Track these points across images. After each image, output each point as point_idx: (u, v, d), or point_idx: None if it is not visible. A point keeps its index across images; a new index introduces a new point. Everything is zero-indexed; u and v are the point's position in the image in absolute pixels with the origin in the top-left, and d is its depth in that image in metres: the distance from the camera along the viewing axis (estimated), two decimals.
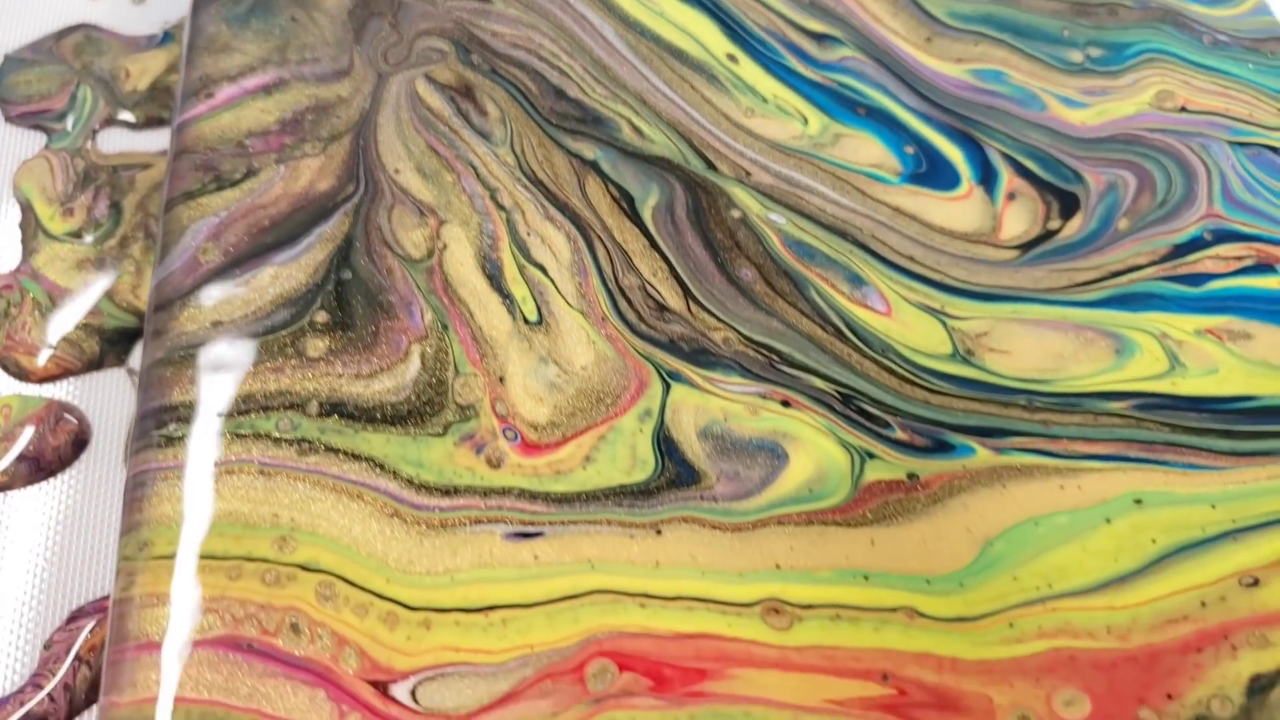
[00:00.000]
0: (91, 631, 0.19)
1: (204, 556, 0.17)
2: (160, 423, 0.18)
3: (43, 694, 0.18)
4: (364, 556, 0.17)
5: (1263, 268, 0.20)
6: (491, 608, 0.17)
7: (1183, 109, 0.22)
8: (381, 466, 0.17)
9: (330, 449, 0.17)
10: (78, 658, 0.19)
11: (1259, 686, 0.17)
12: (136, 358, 0.21)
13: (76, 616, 0.19)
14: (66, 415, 0.21)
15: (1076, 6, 0.23)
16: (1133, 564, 0.17)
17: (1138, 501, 0.18)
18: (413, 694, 0.16)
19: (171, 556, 0.17)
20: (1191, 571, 0.17)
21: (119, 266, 0.22)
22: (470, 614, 0.16)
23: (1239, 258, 0.20)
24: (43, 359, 0.21)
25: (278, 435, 0.18)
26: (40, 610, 0.19)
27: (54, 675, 0.19)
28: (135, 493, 0.17)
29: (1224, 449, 0.18)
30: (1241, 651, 0.17)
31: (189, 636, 0.16)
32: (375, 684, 0.16)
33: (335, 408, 0.18)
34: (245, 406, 0.18)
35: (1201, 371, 0.19)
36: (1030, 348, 0.19)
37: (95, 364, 0.21)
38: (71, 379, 0.21)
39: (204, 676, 0.16)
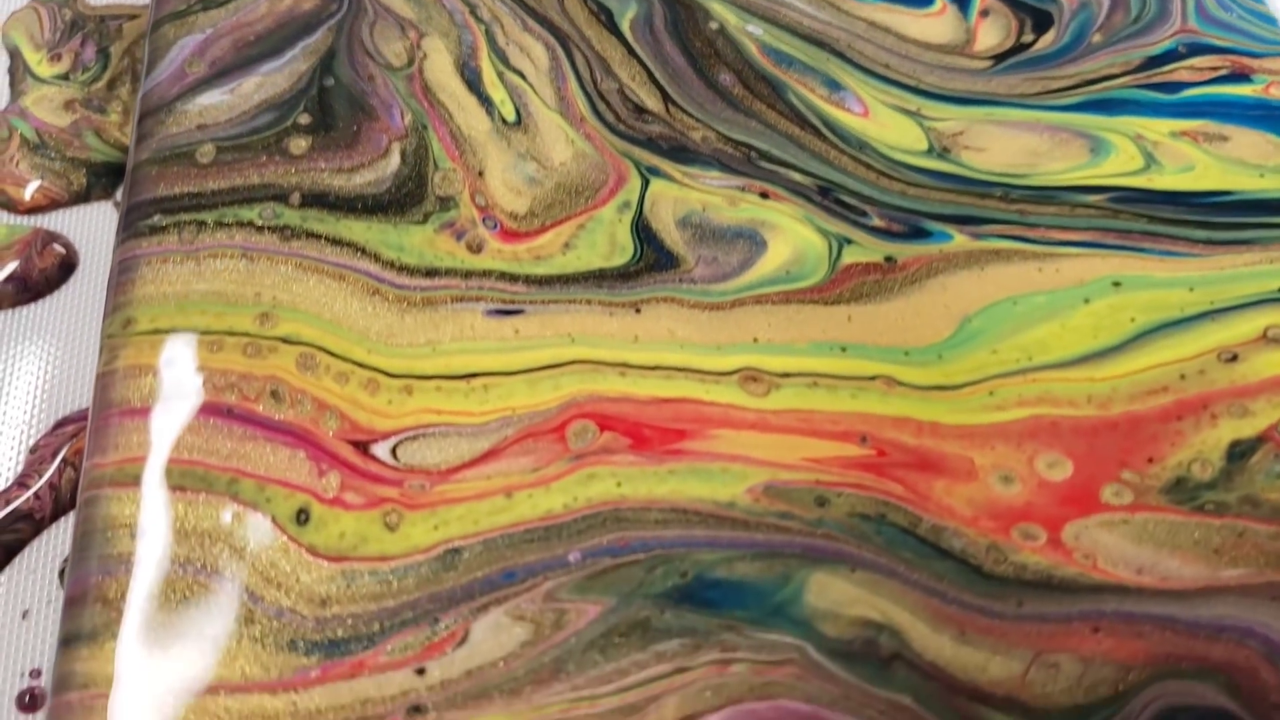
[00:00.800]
0: (76, 436, 0.19)
1: (186, 330, 0.17)
2: (145, 215, 0.18)
3: (29, 493, 0.18)
4: (345, 330, 0.17)
5: (1237, 77, 0.20)
6: (473, 375, 0.17)
7: None
8: (362, 250, 0.18)
9: (312, 235, 0.18)
10: (64, 460, 0.19)
11: (1239, 452, 0.17)
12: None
13: (63, 424, 0.19)
14: (54, 242, 0.21)
15: None
16: (1112, 340, 0.18)
17: (1116, 284, 0.18)
18: (393, 452, 0.16)
19: (154, 331, 0.17)
20: (1170, 347, 0.18)
21: (107, 106, 0.22)
22: (451, 380, 0.17)
23: (1214, 68, 0.20)
24: (30, 191, 0.21)
25: (260, 223, 0.18)
26: (26, 423, 0.19)
27: (40, 476, 0.19)
28: (120, 278, 0.17)
29: (1201, 238, 0.19)
30: (1221, 420, 0.17)
31: (169, 403, 0.16)
32: (355, 444, 0.16)
33: (317, 199, 0.18)
34: (229, 198, 0.18)
35: (1177, 169, 0.19)
36: (1005, 146, 0.19)
37: (82, 197, 0.21)
38: (60, 210, 0.21)
39: (185, 440, 0.16)
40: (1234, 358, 0.18)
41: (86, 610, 0.15)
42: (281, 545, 0.15)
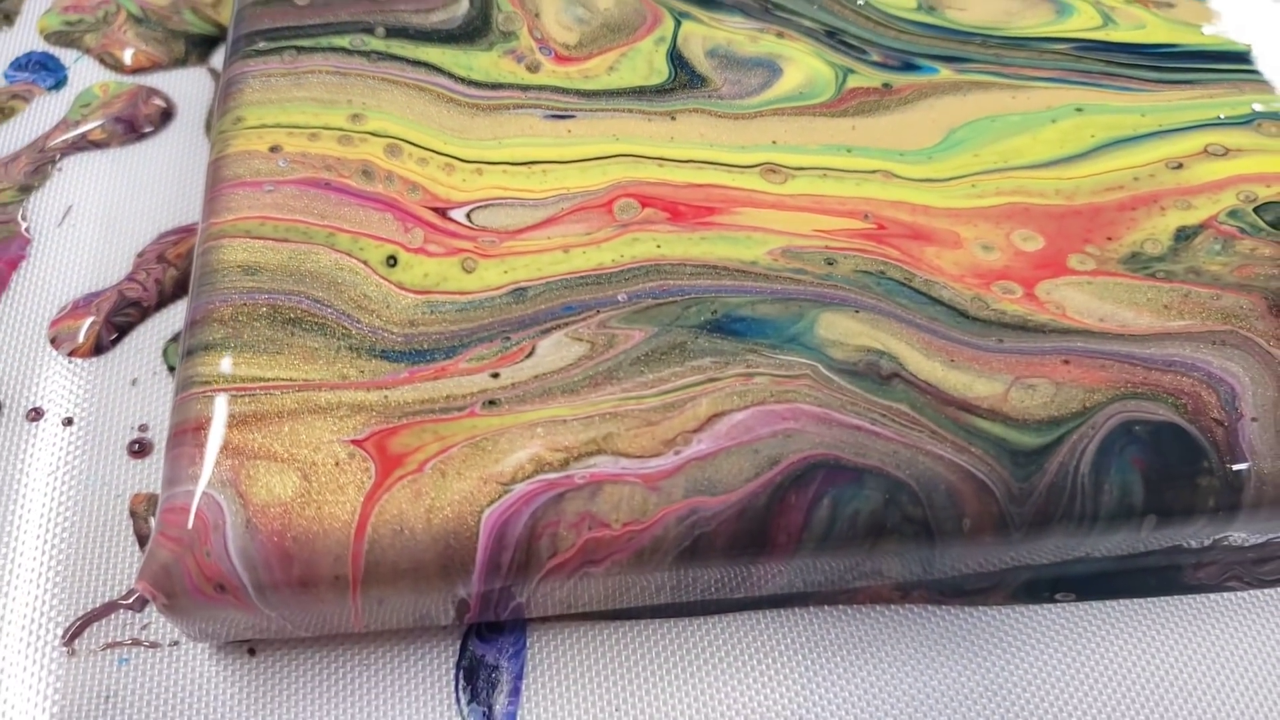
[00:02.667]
0: (176, 244, 0.22)
1: (287, 125, 0.20)
2: (251, 42, 0.21)
3: (137, 284, 0.21)
4: (425, 127, 0.20)
5: None
6: (534, 162, 0.20)
7: None
8: (438, 69, 0.21)
9: (394, 57, 0.21)
10: (165, 261, 0.22)
11: (1184, 235, 0.20)
12: (217, 60, 0.25)
13: (164, 236, 0.22)
14: (155, 96, 0.24)
15: None
16: (1076, 149, 0.21)
17: (1079, 109, 0.21)
18: (468, 216, 0.19)
19: (260, 126, 0.20)
20: (1125, 157, 0.21)
21: None
22: (516, 165, 0.19)
23: None
24: (128, 55, 0.24)
25: (350, 49, 0.21)
26: (134, 234, 0.22)
27: (147, 273, 0.21)
28: (228, 89, 0.20)
29: (1152, 78, 0.22)
30: (1169, 211, 0.20)
31: (275, 178, 0.19)
32: (435, 209, 0.19)
33: (398, 31, 0.21)
34: (323, 30, 0.21)
35: (1131, 26, 0.23)
36: (984, 6, 0.22)
37: (180, 62, 0.24)
38: (161, 73, 0.24)
39: (289, 203, 0.19)
40: (1180, 166, 0.21)
41: (206, 328, 0.17)
42: (374, 282, 0.18)
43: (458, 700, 0.18)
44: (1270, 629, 0.19)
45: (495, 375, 0.17)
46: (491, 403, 0.17)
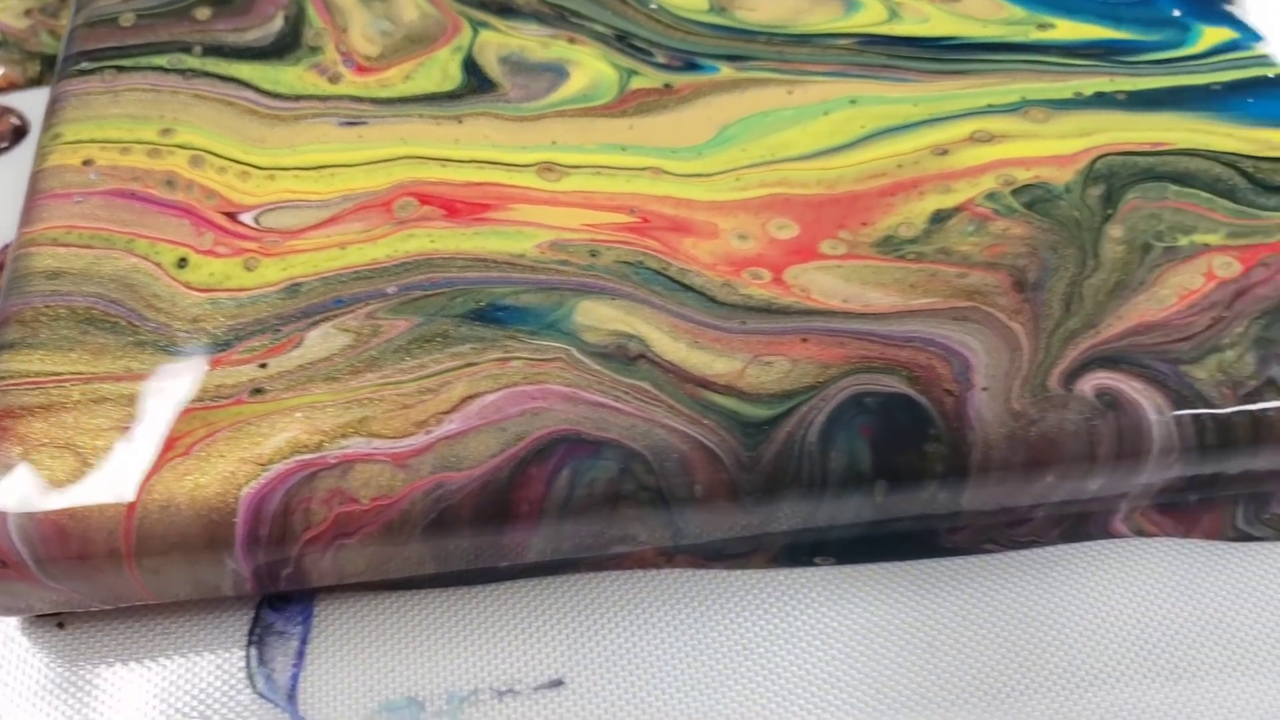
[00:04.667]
0: None
1: (101, 140, 0.21)
2: (75, 62, 0.22)
3: None
4: (227, 139, 0.21)
5: None
6: (323, 166, 0.21)
7: None
8: (246, 84, 0.22)
9: (208, 74, 0.22)
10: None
11: (939, 217, 0.21)
12: None
13: (7, 247, 0.24)
14: (9, 113, 0.26)
15: None
16: (844, 140, 0.22)
17: (853, 101, 0.22)
18: (256, 219, 0.20)
19: (75, 141, 0.21)
20: (892, 145, 0.22)
21: (59, 12, 0.27)
22: (306, 170, 0.21)
23: None
24: None
25: (168, 67, 0.22)
26: None
27: None
28: (51, 108, 0.22)
29: (928, 69, 0.23)
30: (928, 195, 0.21)
31: (84, 189, 0.21)
32: (228, 214, 0.20)
33: (214, 50, 0.23)
34: (143, 50, 0.23)
35: (915, 20, 0.24)
36: (776, 6, 0.24)
37: (36, 82, 0.26)
38: (18, 92, 0.26)
39: (95, 213, 0.20)
40: (944, 152, 0.22)
41: (7, 329, 0.19)
42: (165, 283, 0.20)
43: (248, 664, 0.19)
44: (1018, 587, 0.20)
45: (263, 366, 0.19)
46: (257, 391, 0.18)
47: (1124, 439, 0.19)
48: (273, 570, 0.18)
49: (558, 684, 0.19)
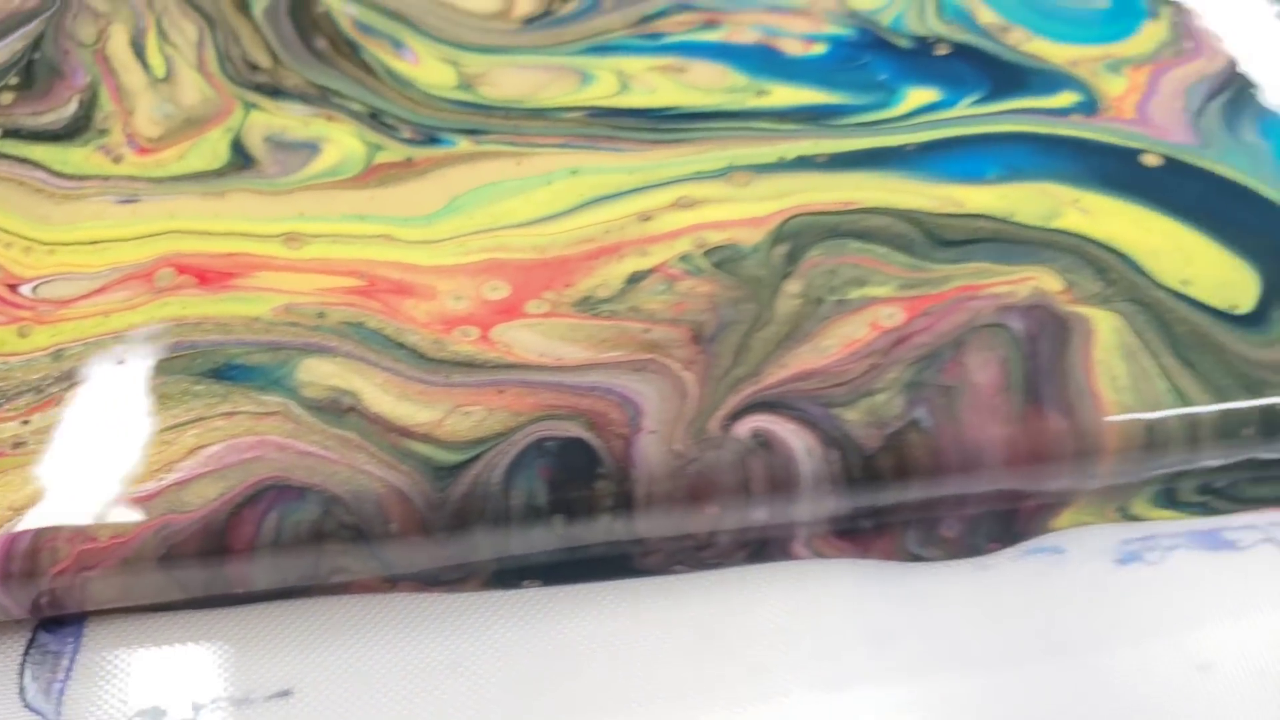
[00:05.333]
0: None
1: None
2: None
3: None
4: (15, 216, 0.24)
5: (709, 25, 0.27)
6: (97, 241, 0.24)
7: None
8: (38, 165, 0.25)
9: (5, 155, 0.25)
10: None
11: (634, 278, 0.24)
12: None
13: None
14: None
15: None
16: (560, 209, 0.24)
17: (573, 171, 0.25)
18: (34, 290, 0.23)
19: None
20: (603, 212, 0.24)
21: None
22: (83, 245, 0.24)
23: (692, 21, 0.27)
24: None
25: None
26: None
27: None
28: None
29: (647, 139, 0.26)
30: (627, 259, 0.24)
31: None
32: (9, 285, 0.23)
33: (12, 132, 0.26)
34: None
35: (643, 92, 0.26)
36: (515, 82, 0.26)
37: None
38: None
39: None
40: (649, 218, 0.24)
41: None
42: None
43: (20, 679, 0.22)
44: (705, 602, 0.23)
45: (26, 423, 0.22)
46: (18, 444, 0.21)
47: (775, 475, 0.22)
48: (34, 600, 0.21)
49: (286, 694, 0.22)
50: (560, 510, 0.21)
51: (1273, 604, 0.24)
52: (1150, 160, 0.25)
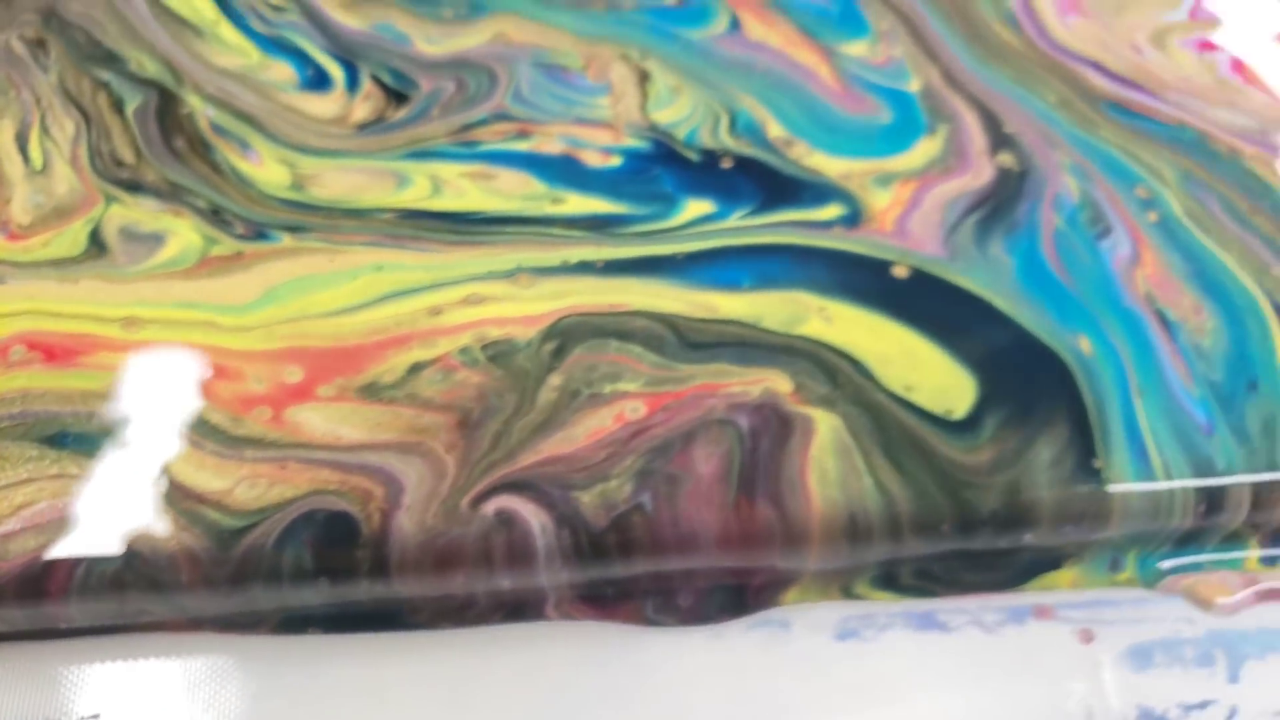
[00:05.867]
0: None
1: None
2: None
3: None
4: None
5: (521, 135, 0.31)
6: None
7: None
8: None
9: None
10: None
11: (417, 367, 0.27)
12: None
13: None
14: None
15: None
16: (361, 301, 0.28)
17: (378, 267, 0.28)
18: None
19: None
20: (398, 306, 0.28)
21: None
22: None
23: (507, 131, 0.31)
24: None
25: None
26: None
27: None
28: None
29: (449, 240, 0.29)
30: (414, 349, 0.27)
31: None
32: None
33: None
34: None
35: (453, 196, 0.30)
36: (343, 184, 0.30)
37: None
38: None
39: None
40: (439, 312, 0.28)
41: None
42: None
43: None
44: (465, 656, 0.26)
45: None
46: None
47: (513, 549, 0.25)
48: None
49: (95, 717, 0.26)
50: (324, 573, 0.25)
51: (975, 681, 0.27)
52: (899, 272, 0.28)
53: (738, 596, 0.27)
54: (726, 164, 0.30)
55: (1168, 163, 0.31)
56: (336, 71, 0.32)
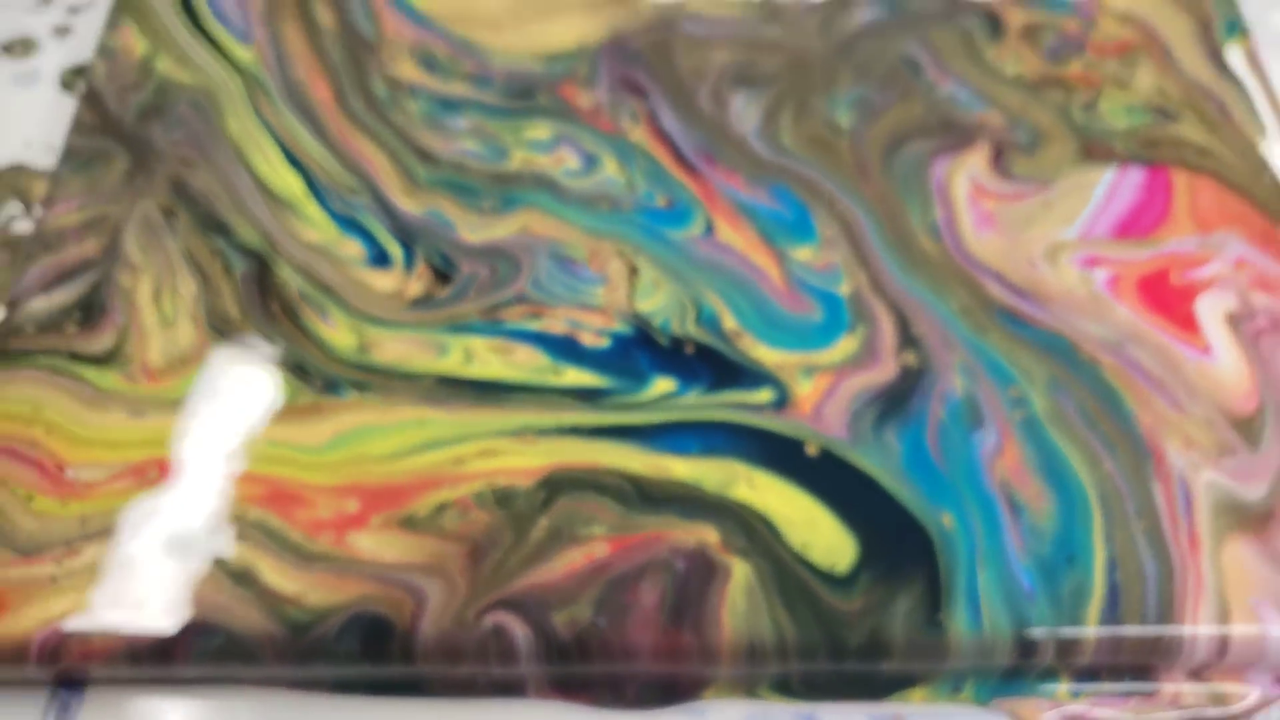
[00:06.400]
0: None
1: None
2: None
3: None
4: (66, 416, 0.38)
5: (534, 316, 0.40)
6: (112, 442, 0.38)
7: None
8: (86, 381, 0.39)
9: (65, 372, 0.39)
10: None
11: (442, 506, 0.36)
12: None
13: None
14: None
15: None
16: (406, 449, 0.37)
17: (420, 423, 0.38)
18: (74, 473, 0.37)
19: None
20: (433, 455, 0.37)
21: None
22: (102, 444, 0.37)
23: (524, 312, 0.40)
24: None
25: (43, 366, 0.39)
26: None
27: None
28: None
29: (473, 402, 0.38)
30: (441, 491, 0.36)
31: None
32: (57, 466, 0.37)
33: (71, 355, 0.39)
34: (24, 353, 0.39)
35: (479, 365, 0.39)
36: (397, 350, 0.39)
37: None
38: None
39: None
40: (461, 462, 0.37)
41: None
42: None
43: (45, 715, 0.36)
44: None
45: (59, 564, 0.36)
46: (53, 579, 0.35)
47: (504, 650, 0.34)
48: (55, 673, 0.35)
49: None
50: (367, 657, 0.35)
51: None
52: (811, 450, 0.37)
53: (669, 691, 0.36)
54: (689, 349, 0.39)
55: (1040, 367, 0.39)
56: (396, 251, 0.41)
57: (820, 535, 0.36)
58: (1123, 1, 0.49)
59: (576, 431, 0.38)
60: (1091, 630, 0.34)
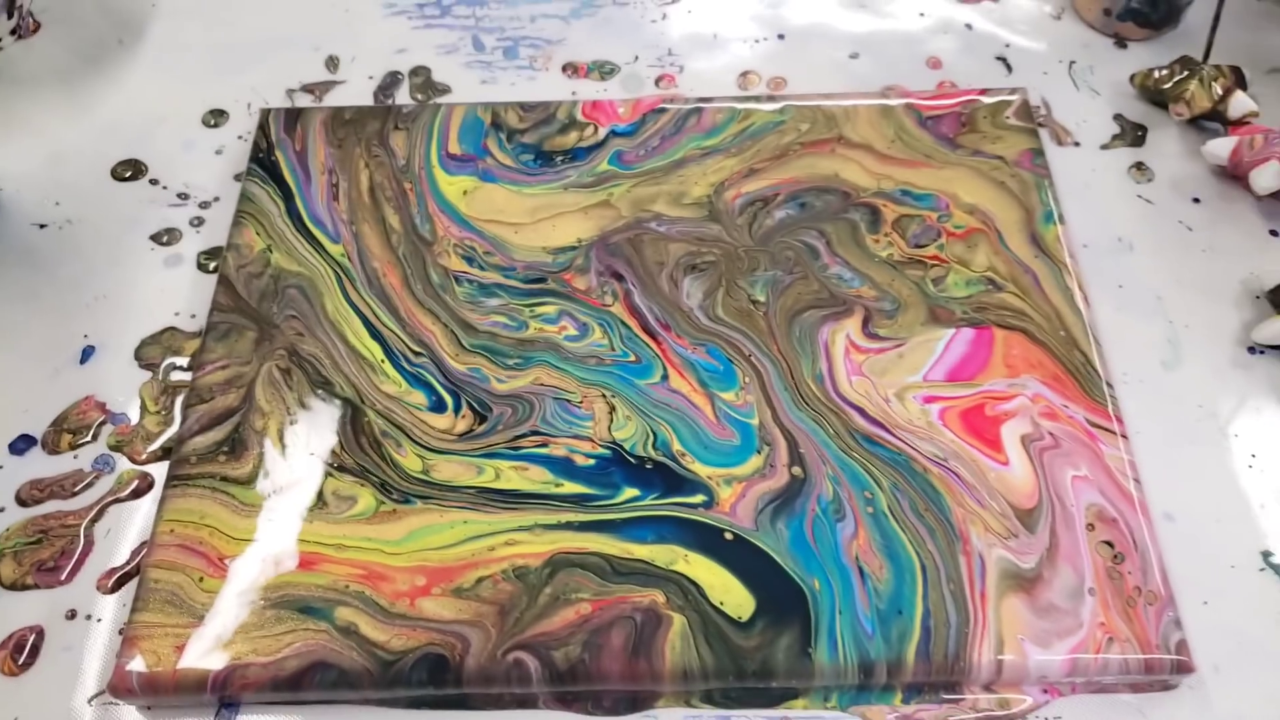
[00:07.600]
0: None
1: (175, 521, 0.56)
2: (173, 479, 0.58)
3: None
4: (222, 523, 0.56)
5: (543, 444, 0.58)
6: (253, 540, 0.55)
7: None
8: (233, 497, 0.57)
9: (220, 491, 0.57)
10: None
11: (480, 579, 0.54)
12: None
13: None
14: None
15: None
16: (454, 541, 0.55)
17: (464, 523, 0.55)
18: (230, 562, 0.55)
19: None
20: (475, 545, 0.55)
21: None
22: (247, 541, 0.55)
23: (536, 441, 0.58)
24: None
25: (204, 486, 0.57)
26: None
27: None
28: (162, 500, 0.57)
29: (499, 507, 0.56)
30: (479, 569, 0.54)
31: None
32: (220, 558, 0.55)
33: (224, 478, 0.57)
34: (195, 476, 0.58)
35: (504, 481, 0.57)
36: (448, 471, 0.57)
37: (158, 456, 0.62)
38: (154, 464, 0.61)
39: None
40: (493, 549, 0.55)
41: (141, 600, 0.54)
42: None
43: None
44: None
45: (201, 626, 0.53)
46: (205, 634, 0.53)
47: (521, 678, 0.52)
48: (219, 698, 0.53)
49: None
50: (430, 684, 0.52)
51: None
52: (728, 536, 0.55)
53: (633, 702, 0.54)
54: (649, 466, 0.57)
55: (885, 476, 0.56)
56: (449, 399, 0.59)
57: (731, 595, 0.53)
58: (971, 195, 0.67)
59: (570, 526, 0.55)
60: (910, 659, 0.52)
